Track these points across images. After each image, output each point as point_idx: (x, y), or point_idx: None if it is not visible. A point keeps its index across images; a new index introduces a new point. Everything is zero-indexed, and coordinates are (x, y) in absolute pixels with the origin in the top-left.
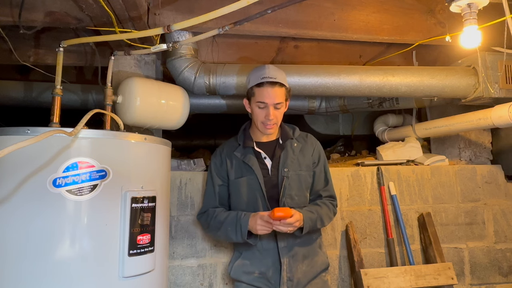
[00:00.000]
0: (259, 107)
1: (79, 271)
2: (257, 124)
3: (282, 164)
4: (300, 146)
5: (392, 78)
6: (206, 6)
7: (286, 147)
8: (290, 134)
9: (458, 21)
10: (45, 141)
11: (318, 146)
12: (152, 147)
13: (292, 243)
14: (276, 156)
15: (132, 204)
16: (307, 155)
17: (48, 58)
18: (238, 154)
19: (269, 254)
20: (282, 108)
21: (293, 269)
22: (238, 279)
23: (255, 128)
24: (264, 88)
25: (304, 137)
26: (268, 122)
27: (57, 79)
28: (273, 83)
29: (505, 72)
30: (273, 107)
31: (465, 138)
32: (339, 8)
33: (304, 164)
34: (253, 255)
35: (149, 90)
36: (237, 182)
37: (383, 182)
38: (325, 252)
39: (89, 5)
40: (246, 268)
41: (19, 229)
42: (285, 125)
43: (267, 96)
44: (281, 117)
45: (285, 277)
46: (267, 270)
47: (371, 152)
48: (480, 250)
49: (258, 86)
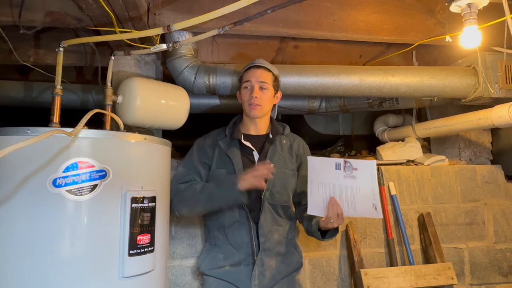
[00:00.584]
0: (245, 88)
1: (79, 271)
2: (244, 107)
3: (269, 159)
4: (289, 143)
5: (392, 78)
6: (206, 6)
7: (275, 142)
8: (281, 130)
9: (458, 21)
10: (45, 141)
11: (306, 149)
12: (152, 147)
13: (268, 240)
14: (264, 150)
15: (132, 204)
16: (294, 155)
17: (48, 58)
18: (222, 145)
19: (243, 249)
20: (268, 92)
21: (266, 264)
22: (207, 273)
23: (245, 120)
24: (250, 70)
25: (294, 137)
26: (252, 101)
27: (57, 79)
28: (259, 66)
29: (505, 72)
30: (258, 86)
31: (465, 138)
32: (339, 8)
33: (289, 163)
34: (226, 248)
35: (149, 90)
36: (216, 172)
37: (383, 182)
38: (300, 252)
39: (89, 5)
40: (218, 262)
41: (19, 229)
42: (276, 122)
43: (252, 75)
44: (267, 103)
45: (257, 271)
46: (238, 264)
47: (371, 152)
48: (480, 250)
49: (246, 71)
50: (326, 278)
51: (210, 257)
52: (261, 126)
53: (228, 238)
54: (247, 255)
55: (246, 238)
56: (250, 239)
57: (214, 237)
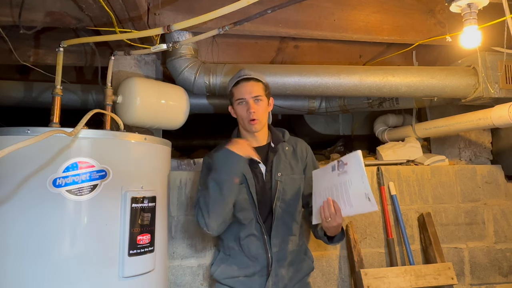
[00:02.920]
0: (239, 104)
1: (79, 271)
2: (243, 124)
3: (275, 168)
4: (291, 149)
5: (392, 78)
6: (206, 6)
7: (278, 150)
8: (281, 137)
9: (458, 21)
10: (45, 141)
11: (309, 150)
12: (152, 147)
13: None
14: (269, 161)
15: (132, 204)
16: (299, 159)
17: (48, 58)
18: None
19: (259, 261)
20: (263, 103)
21: (279, 275)
22: (221, 282)
23: (244, 134)
24: (240, 85)
25: (295, 141)
26: (251, 116)
27: (57, 79)
28: (248, 79)
29: (505, 72)
30: (253, 100)
31: (465, 138)
32: (339, 8)
33: (296, 168)
34: (241, 260)
35: (149, 90)
36: None
37: (383, 182)
38: (311, 256)
39: (89, 5)
40: (233, 272)
41: (19, 229)
42: (274, 129)
43: (244, 91)
44: (264, 114)
45: (271, 281)
46: (253, 275)
47: (371, 152)
48: (480, 250)
49: (234, 86)
50: (326, 278)
51: (224, 266)
52: (261, 137)
53: (243, 250)
54: (262, 267)
55: (261, 250)
56: (265, 251)
57: (228, 248)
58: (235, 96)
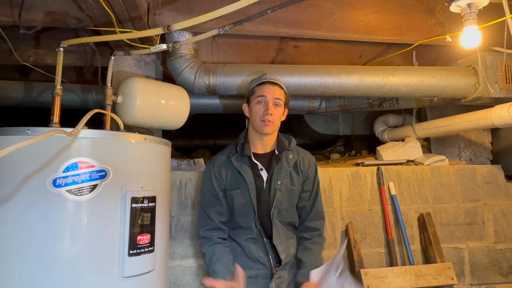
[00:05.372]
0: (258, 102)
1: (79, 271)
2: (255, 123)
3: (275, 176)
4: (295, 158)
5: (392, 78)
6: (206, 6)
7: (281, 158)
8: (286, 145)
9: (458, 21)
10: (45, 141)
11: (313, 165)
12: (152, 147)
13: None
14: (271, 168)
15: (132, 204)
16: (300, 171)
17: (48, 58)
18: (235, 161)
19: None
20: (280, 109)
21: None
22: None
23: (253, 136)
24: (265, 85)
25: (301, 152)
26: (267, 117)
27: (57, 79)
28: (274, 83)
29: (505, 72)
30: (272, 103)
31: (465, 138)
32: (339, 8)
33: (296, 180)
34: (244, 261)
35: (149, 90)
36: (230, 194)
37: (383, 182)
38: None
39: (89, 5)
40: None
41: (19, 229)
42: (282, 136)
43: (267, 90)
44: (278, 120)
45: (274, 283)
46: (256, 277)
47: (371, 152)
48: (480, 250)
49: (259, 85)
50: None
51: None
52: (268, 143)
53: (245, 252)
54: (265, 270)
55: (262, 253)
56: (266, 253)
57: (232, 249)
58: (256, 93)
